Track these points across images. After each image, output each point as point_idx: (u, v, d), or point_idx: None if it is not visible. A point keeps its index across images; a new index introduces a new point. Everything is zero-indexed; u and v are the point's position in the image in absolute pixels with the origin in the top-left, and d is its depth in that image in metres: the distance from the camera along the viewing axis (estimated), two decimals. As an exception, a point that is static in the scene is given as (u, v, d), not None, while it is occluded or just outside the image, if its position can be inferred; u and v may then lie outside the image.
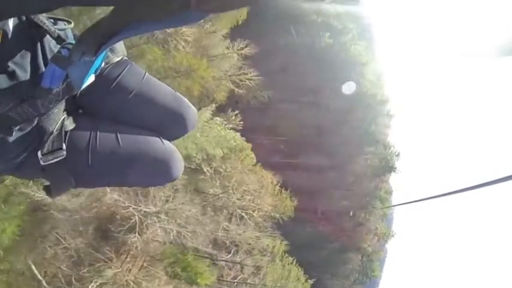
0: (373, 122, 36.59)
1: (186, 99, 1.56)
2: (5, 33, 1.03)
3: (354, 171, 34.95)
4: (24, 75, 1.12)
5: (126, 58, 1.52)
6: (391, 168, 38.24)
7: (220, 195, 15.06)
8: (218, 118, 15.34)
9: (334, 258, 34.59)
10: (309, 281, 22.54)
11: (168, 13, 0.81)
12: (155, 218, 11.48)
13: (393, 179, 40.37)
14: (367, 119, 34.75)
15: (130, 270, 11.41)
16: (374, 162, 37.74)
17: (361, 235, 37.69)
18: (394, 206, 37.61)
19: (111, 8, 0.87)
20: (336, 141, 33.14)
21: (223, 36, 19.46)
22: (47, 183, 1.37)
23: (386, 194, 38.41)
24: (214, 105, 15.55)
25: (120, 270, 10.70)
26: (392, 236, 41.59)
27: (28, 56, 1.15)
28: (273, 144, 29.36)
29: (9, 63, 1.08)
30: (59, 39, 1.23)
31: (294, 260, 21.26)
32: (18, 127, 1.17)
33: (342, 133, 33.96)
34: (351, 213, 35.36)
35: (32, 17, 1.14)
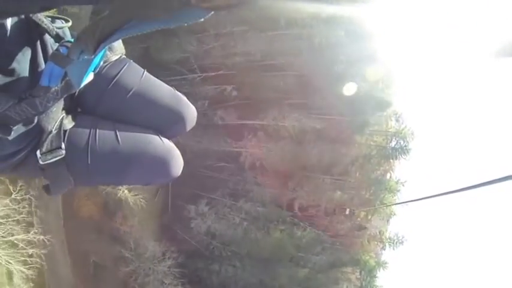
0: (380, 81, 23.42)
1: (184, 97, 1.44)
2: (3, 30, 0.98)
3: (351, 149, 21.93)
4: (23, 73, 1.07)
5: (125, 56, 1.41)
6: (403, 151, 25.12)
7: None
8: None
9: (320, 275, 21.55)
10: None
11: (168, 11, 0.76)
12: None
13: (403, 166, 27.08)
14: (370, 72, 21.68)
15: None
16: (381, 140, 24.85)
17: (361, 242, 24.79)
18: (409, 201, 24.35)
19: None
20: (325, 100, 20.20)
21: None
22: (46, 182, 1.26)
23: (397, 185, 25.20)
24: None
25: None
26: (401, 242, 28.68)
27: (28, 54, 1.09)
28: (220, 93, 16.70)
29: (8, 61, 1.03)
30: (57, 38, 1.16)
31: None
32: (16, 126, 1.08)
33: (334, 90, 20.93)
34: (347, 211, 22.85)
35: (31, 15, 1.08)
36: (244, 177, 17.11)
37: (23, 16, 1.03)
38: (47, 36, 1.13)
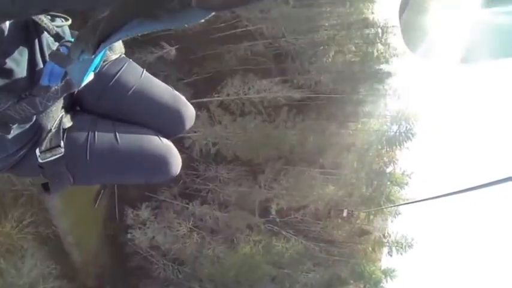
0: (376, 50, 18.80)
1: (183, 97, 1.41)
2: (0, 30, 0.95)
3: (344, 134, 17.00)
4: (21, 72, 1.03)
5: (124, 56, 1.38)
6: (407, 136, 20.37)
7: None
8: None
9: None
10: None
11: (169, 12, 0.74)
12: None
13: (407, 155, 22.38)
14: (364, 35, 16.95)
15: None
16: (380, 123, 20.08)
17: (364, 249, 19.64)
18: (423, 200, 18.92)
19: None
20: (308, 74, 15.30)
21: None
22: (45, 180, 1.25)
23: (404, 177, 20.24)
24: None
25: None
26: (410, 246, 23.43)
27: (25, 53, 1.05)
28: (159, 60, 11.87)
29: (6, 60, 0.99)
30: (57, 37, 1.11)
31: None
32: (16, 125, 1.06)
33: (317, 61, 16.10)
34: (345, 213, 17.56)
35: None
36: (197, 170, 12.14)
37: None
38: (45, 35, 1.09)
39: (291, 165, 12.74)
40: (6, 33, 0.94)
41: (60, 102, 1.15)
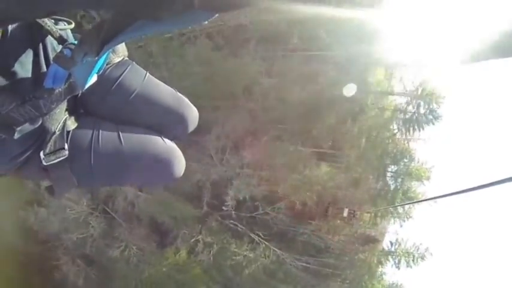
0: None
1: (186, 99, 1.43)
2: (4, 31, 0.95)
3: (345, 111, 11.96)
4: (25, 74, 1.02)
5: (127, 58, 1.37)
6: (428, 118, 15.50)
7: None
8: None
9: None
10: None
11: (172, 13, 0.74)
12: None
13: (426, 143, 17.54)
14: None
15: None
16: (393, 101, 15.43)
17: (368, 262, 14.66)
18: (432, 198, 13.77)
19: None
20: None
21: None
22: (49, 183, 1.23)
23: (424, 171, 15.28)
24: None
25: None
26: (422, 257, 18.52)
27: (30, 55, 1.04)
28: None
29: (10, 62, 0.99)
30: (60, 39, 1.10)
31: None
32: (20, 127, 1.05)
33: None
34: (345, 213, 13.32)
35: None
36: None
37: None
38: (49, 38, 1.06)
39: (262, 129, 7.77)
40: (10, 35, 0.94)
41: (64, 105, 1.14)
